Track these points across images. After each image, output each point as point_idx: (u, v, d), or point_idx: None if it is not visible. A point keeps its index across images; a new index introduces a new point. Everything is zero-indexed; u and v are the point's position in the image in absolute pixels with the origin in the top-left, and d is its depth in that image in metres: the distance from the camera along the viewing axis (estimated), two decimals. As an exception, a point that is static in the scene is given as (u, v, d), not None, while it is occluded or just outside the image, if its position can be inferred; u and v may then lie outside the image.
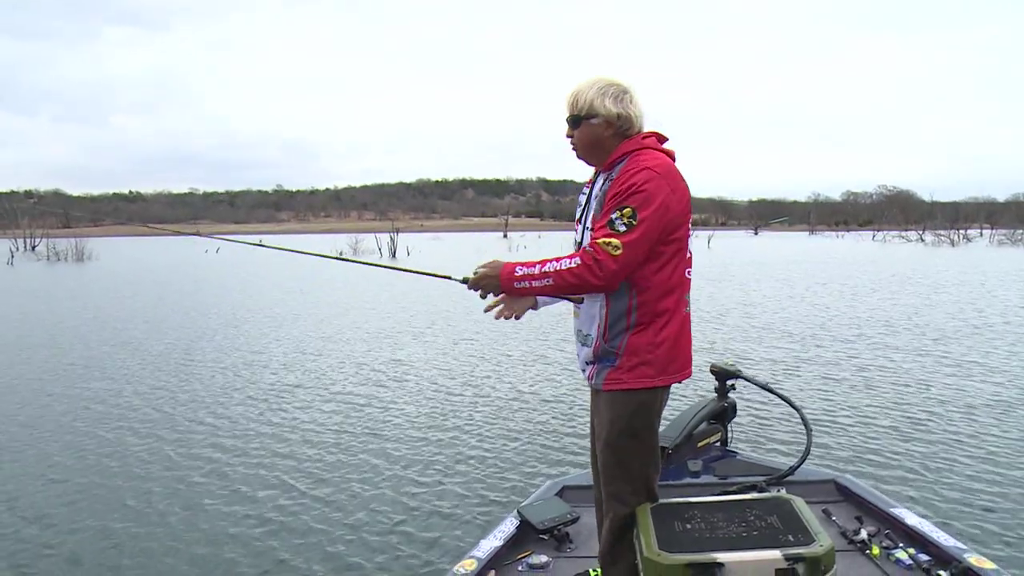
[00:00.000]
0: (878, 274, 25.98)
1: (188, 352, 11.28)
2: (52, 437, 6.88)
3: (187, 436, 6.87)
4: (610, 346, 2.50)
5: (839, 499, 3.50)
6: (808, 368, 9.46)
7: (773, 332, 12.50)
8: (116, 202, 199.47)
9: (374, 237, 50.34)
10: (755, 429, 6.60)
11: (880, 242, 66.36)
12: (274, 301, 19.05)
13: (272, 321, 14.83)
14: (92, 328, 14.07)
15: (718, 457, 4.00)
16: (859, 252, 46.21)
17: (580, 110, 2.52)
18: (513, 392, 8.46)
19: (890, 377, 8.87)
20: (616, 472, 2.56)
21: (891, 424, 6.89)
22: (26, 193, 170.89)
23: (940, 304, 16.30)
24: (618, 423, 2.51)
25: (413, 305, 17.45)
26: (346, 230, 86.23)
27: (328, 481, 5.67)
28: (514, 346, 11.28)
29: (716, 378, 4.26)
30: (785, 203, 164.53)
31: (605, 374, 2.52)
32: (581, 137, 2.56)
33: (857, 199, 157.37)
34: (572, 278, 2.36)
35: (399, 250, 46.83)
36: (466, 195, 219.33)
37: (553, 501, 3.39)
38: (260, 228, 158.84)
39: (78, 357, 10.97)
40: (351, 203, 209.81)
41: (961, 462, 5.79)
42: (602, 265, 2.33)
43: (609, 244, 2.33)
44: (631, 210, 2.34)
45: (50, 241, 49.42)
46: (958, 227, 68.10)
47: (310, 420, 7.40)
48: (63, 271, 34.67)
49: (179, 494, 5.43)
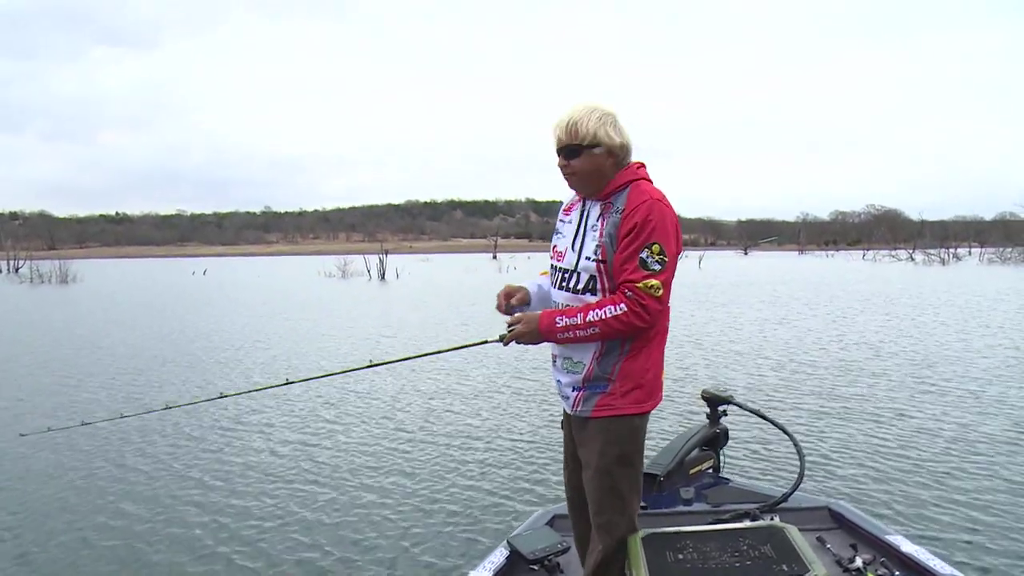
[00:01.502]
0: (871, 295, 26.02)
1: (160, 377, 11.17)
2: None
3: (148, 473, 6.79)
4: (602, 371, 2.49)
5: (833, 526, 3.44)
6: (801, 393, 9.32)
7: (765, 356, 12.40)
8: (102, 223, 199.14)
9: (363, 259, 50.19)
10: (748, 456, 6.52)
11: (870, 261, 66.77)
12: (258, 323, 18.92)
13: (254, 345, 14.71)
14: (50, 349, 14.01)
15: (710, 484, 3.95)
16: (850, 272, 46.38)
17: (582, 139, 2.49)
18: (500, 419, 8.34)
19: (884, 402, 8.76)
20: (607, 501, 2.53)
21: (886, 449, 6.81)
22: (11, 215, 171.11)
23: (936, 325, 16.24)
24: (611, 450, 2.49)
25: (400, 331, 17.38)
26: (335, 252, 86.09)
27: (308, 512, 5.54)
28: (500, 372, 11.22)
29: (708, 404, 4.22)
30: (774, 222, 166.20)
31: (595, 400, 2.51)
32: (582, 167, 2.53)
33: (845, 218, 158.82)
34: (619, 325, 2.40)
35: (388, 272, 46.70)
36: (455, 216, 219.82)
37: (543, 531, 3.33)
38: (249, 250, 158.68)
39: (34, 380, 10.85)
40: (340, 224, 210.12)
41: (958, 488, 5.71)
42: (648, 309, 2.39)
43: (651, 287, 2.38)
44: (659, 247, 2.39)
45: (34, 263, 49.04)
46: (947, 246, 68.68)
47: (289, 449, 7.25)
48: (44, 293, 34.33)
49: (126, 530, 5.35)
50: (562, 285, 2.60)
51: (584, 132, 2.49)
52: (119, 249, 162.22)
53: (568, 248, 2.60)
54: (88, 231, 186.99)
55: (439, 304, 24.37)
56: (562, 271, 2.60)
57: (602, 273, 2.48)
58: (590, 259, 2.49)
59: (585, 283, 2.52)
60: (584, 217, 2.59)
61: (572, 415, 2.63)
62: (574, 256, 2.56)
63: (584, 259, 2.51)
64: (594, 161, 2.51)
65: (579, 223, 2.59)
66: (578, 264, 2.54)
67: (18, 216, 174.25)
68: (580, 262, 2.53)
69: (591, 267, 2.50)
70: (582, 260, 2.52)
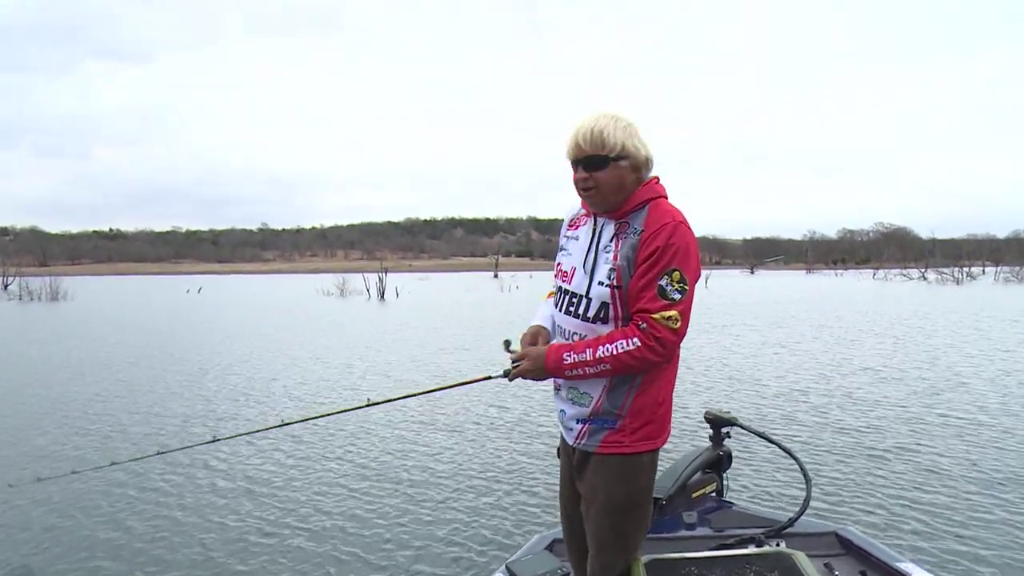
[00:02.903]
0: (883, 315, 25.78)
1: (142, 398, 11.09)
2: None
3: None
4: (612, 406, 2.36)
5: (841, 552, 3.36)
6: (806, 415, 9.09)
7: (770, 377, 12.14)
8: (96, 239, 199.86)
9: (362, 277, 50.22)
10: (752, 479, 6.39)
11: (881, 280, 66.63)
12: (254, 350, 18.88)
13: (250, 377, 14.65)
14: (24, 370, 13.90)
15: (713, 508, 3.88)
16: (861, 291, 46.18)
17: (610, 150, 2.31)
18: (498, 442, 8.17)
19: (895, 424, 8.52)
20: (611, 541, 2.42)
21: (895, 473, 6.64)
22: (1, 230, 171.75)
23: (951, 346, 15.91)
24: (619, 490, 2.37)
25: (395, 350, 17.33)
26: (333, 270, 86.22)
27: (303, 539, 5.38)
28: (500, 396, 11.15)
29: (711, 426, 4.14)
30: (780, 241, 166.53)
31: (601, 436, 2.38)
32: (607, 180, 2.33)
33: (854, 236, 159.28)
34: (631, 360, 2.25)
35: (388, 291, 46.67)
36: (455, 234, 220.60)
37: (543, 555, 3.27)
38: (245, 268, 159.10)
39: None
40: (338, 242, 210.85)
41: (969, 515, 5.53)
42: (663, 342, 2.23)
43: (669, 319, 2.22)
44: (679, 274, 2.24)
45: (24, 280, 48.84)
46: (960, 265, 68.60)
47: (276, 475, 7.08)
48: (33, 311, 34.10)
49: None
50: (570, 310, 2.43)
51: (612, 142, 2.31)
52: (112, 266, 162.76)
53: (577, 269, 2.43)
54: (81, 247, 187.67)
55: (445, 326, 24.22)
56: (570, 295, 2.43)
57: (616, 300, 2.31)
58: (603, 284, 2.32)
59: (596, 311, 2.35)
60: (596, 236, 2.40)
61: (576, 447, 2.47)
62: (585, 279, 2.38)
63: (596, 284, 2.34)
64: (619, 174, 2.33)
65: (590, 242, 2.41)
66: (590, 289, 2.36)
67: (8, 232, 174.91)
68: (592, 287, 2.35)
69: (604, 293, 2.32)
70: (594, 285, 2.34)
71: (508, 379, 2.46)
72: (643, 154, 2.37)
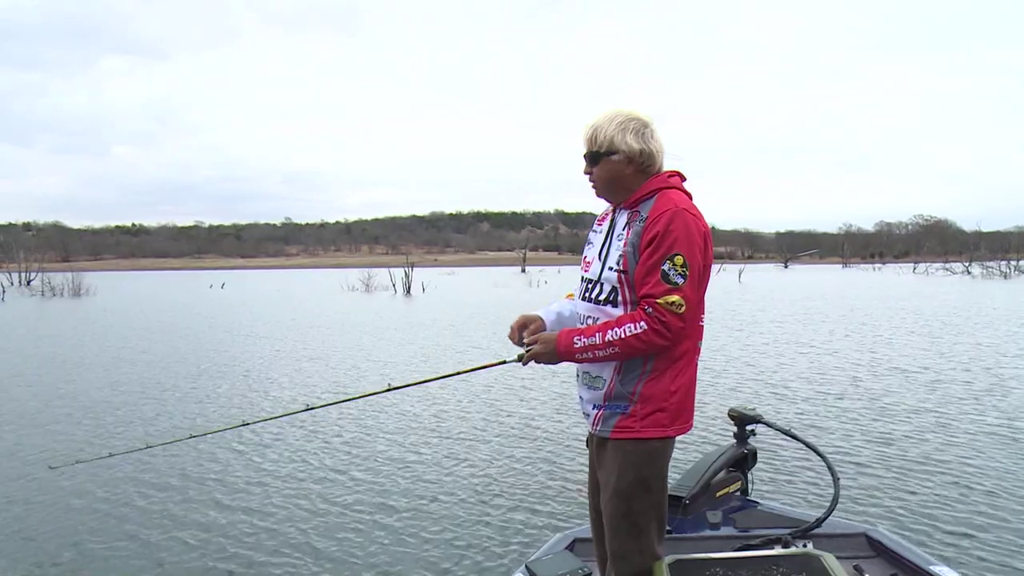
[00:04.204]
0: (925, 309, 25.31)
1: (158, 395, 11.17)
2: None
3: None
4: (623, 390, 2.46)
5: (871, 554, 3.31)
6: (835, 414, 8.89)
7: (797, 374, 11.95)
8: (118, 235, 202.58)
9: (388, 272, 50.36)
10: (777, 477, 6.28)
11: (922, 274, 65.79)
12: (279, 343, 18.99)
13: (273, 367, 14.73)
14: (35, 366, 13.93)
15: (738, 508, 3.85)
16: (902, 286, 45.65)
17: (600, 146, 2.51)
18: (517, 438, 8.10)
19: (928, 421, 8.39)
20: (623, 527, 2.49)
21: (928, 472, 6.49)
22: (24, 226, 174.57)
23: (995, 344, 15.41)
24: (628, 474, 2.45)
25: (418, 347, 17.35)
26: (358, 265, 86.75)
27: (320, 539, 5.37)
28: (521, 389, 11.10)
29: (735, 423, 4.12)
30: (815, 234, 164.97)
31: (614, 421, 2.48)
32: (601, 174, 2.54)
33: (891, 229, 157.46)
34: (638, 343, 2.36)
35: (414, 286, 46.80)
36: (481, 228, 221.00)
37: (563, 555, 3.26)
38: (269, 263, 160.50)
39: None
40: (362, 237, 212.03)
41: (1007, 517, 5.36)
42: (669, 326, 2.34)
43: (673, 304, 2.33)
44: (681, 258, 2.35)
45: (46, 275, 49.40)
46: (1008, 258, 67.39)
47: (303, 466, 7.04)
48: (55, 307, 34.46)
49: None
50: (586, 295, 2.59)
51: (602, 139, 2.50)
52: (135, 261, 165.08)
53: (595, 257, 2.59)
54: (103, 243, 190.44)
55: (475, 320, 24.12)
56: (587, 281, 2.60)
57: (623, 284, 2.46)
58: (612, 269, 2.48)
59: (607, 294, 2.50)
60: (612, 225, 2.58)
61: (594, 434, 2.61)
62: (599, 265, 2.55)
63: (607, 269, 2.50)
64: (612, 169, 2.51)
65: (607, 232, 2.59)
66: (601, 274, 2.52)
67: (31, 227, 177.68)
68: (604, 272, 2.51)
69: (613, 277, 2.48)
70: (605, 270, 2.51)
71: (522, 363, 2.58)
72: (636, 148, 2.49)
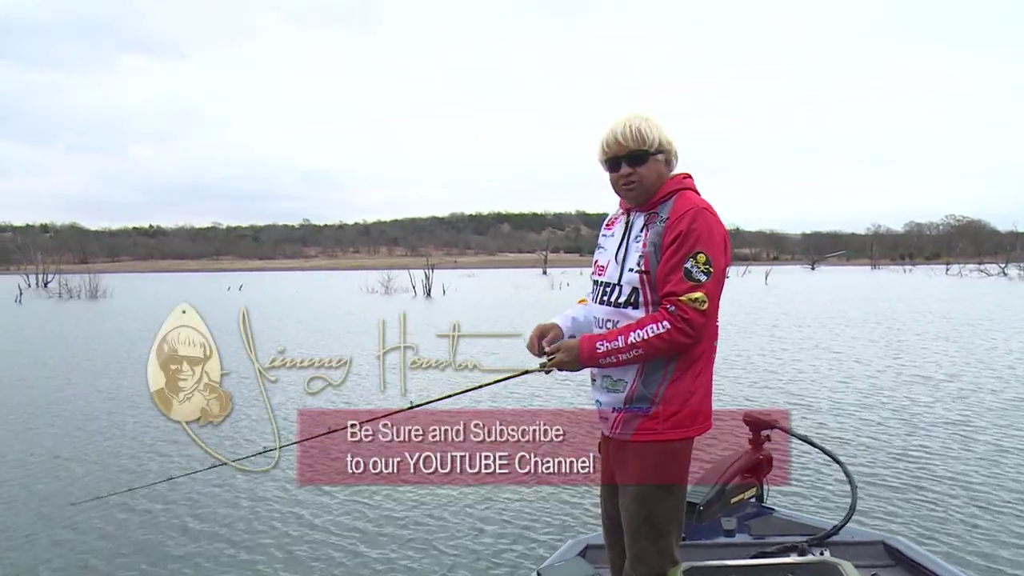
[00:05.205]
0: (954, 313, 25.11)
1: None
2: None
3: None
4: (646, 392, 2.50)
5: (890, 563, 3.32)
6: (853, 417, 9.01)
7: (817, 379, 11.94)
8: (135, 236, 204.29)
9: (408, 274, 50.39)
10: (794, 484, 6.28)
11: (955, 276, 65.23)
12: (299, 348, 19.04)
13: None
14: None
15: (754, 514, 3.88)
16: (935, 289, 45.18)
17: (651, 145, 2.54)
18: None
19: (948, 427, 8.36)
20: (643, 530, 2.53)
21: (948, 478, 6.53)
22: (42, 227, 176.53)
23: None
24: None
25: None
26: (377, 266, 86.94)
27: (329, 548, 5.43)
28: (532, 392, 11.06)
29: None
30: (842, 235, 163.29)
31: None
32: (648, 173, 2.56)
33: (922, 230, 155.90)
34: (662, 343, 2.41)
35: (434, 288, 46.85)
36: (501, 229, 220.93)
37: (575, 562, 3.28)
38: (287, 264, 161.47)
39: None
40: (381, 238, 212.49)
41: None
42: (692, 323, 2.40)
43: (695, 300, 2.39)
44: (705, 256, 2.41)
45: (63, 277, 49.75)
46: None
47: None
48: (71, 309, 34.68)
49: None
50: (603, 299, 2.63)
51: (652, 137, 2.54)
52: (152, 263, 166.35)
53: (611, 261, 2.63)
54: (120, 244, 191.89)
55: (499, 323, 24.17)
56: (603, 285, 2.64)
57: (645, 285, 2.50)
58: (633, 270, 2.52)
59: (627, 296, 2.54)
60: (628, 228, 2.62)
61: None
62: (617, 268, 2.59)
63: (627, 271, 2.55)
64: (658, 168, 2.57)
65: (623, 235, 2.63)
66: (621, 277, 2.57)
67: (49, 229, 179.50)
68: (623, 274, 2.56)
69: (634, 279, 2.52)
70: (625, 272, 2.55)
71: (545, 372, 2.65)
72: (674, 148, 2.61)
